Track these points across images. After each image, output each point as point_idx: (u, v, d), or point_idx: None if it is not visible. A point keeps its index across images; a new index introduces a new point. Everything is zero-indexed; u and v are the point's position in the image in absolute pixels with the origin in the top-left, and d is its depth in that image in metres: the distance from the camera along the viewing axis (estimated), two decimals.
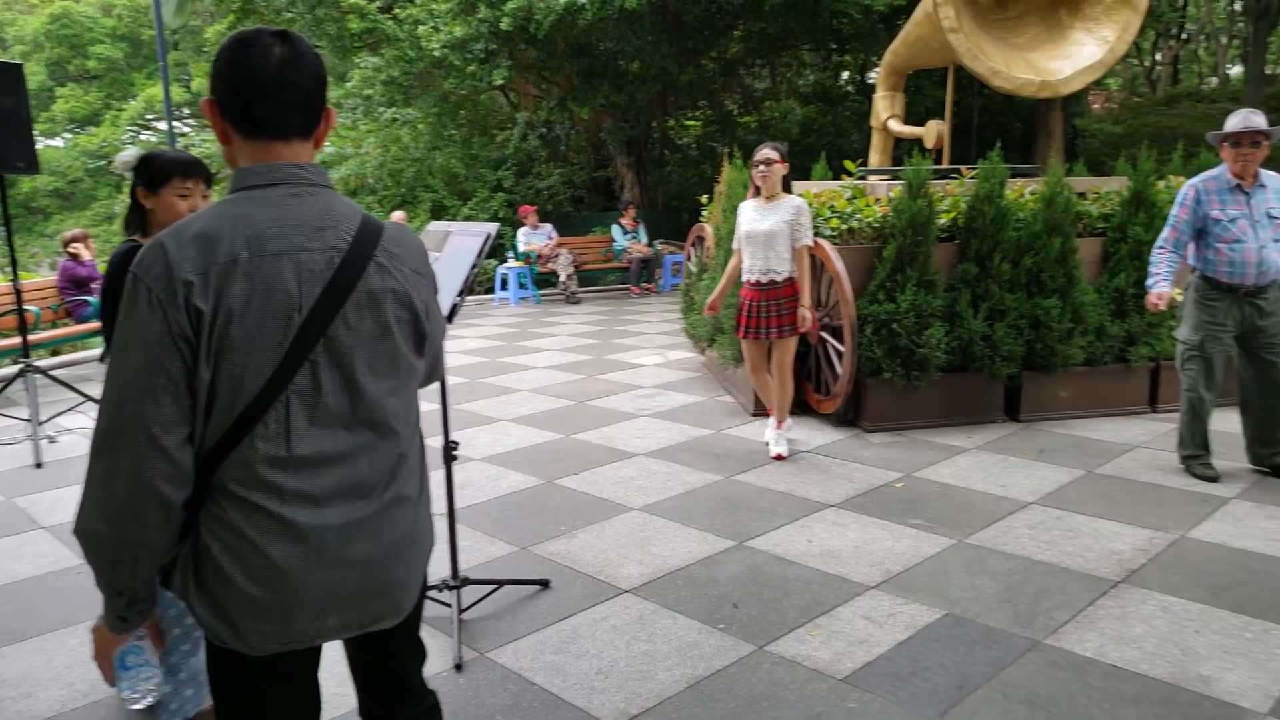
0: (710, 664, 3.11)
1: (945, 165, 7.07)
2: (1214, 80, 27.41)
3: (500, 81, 13.64)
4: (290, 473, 1.57)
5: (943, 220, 5.86)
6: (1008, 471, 4.95)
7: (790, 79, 19.38)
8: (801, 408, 6.24)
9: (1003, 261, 5.67)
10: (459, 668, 3.14)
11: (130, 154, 4.07)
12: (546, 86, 15.49)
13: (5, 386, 6.74)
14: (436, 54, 13.02)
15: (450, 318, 3.32)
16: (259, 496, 1.56)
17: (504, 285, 13.33)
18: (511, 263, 13.34)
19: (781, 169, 5.12)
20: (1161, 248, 4.75)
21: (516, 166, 15.77)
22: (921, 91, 14.19)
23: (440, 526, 4.31)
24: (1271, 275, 4.57)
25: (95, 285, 8.87)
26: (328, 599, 1.62)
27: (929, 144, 7.34)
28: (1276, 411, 4.71)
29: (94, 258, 9.09)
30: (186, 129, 30.72)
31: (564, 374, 7.94)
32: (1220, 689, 2.83)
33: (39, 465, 5.67)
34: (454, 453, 3.63)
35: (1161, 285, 4.66)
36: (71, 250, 8.99)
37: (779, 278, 5.12)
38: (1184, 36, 26.89)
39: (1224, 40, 26.47)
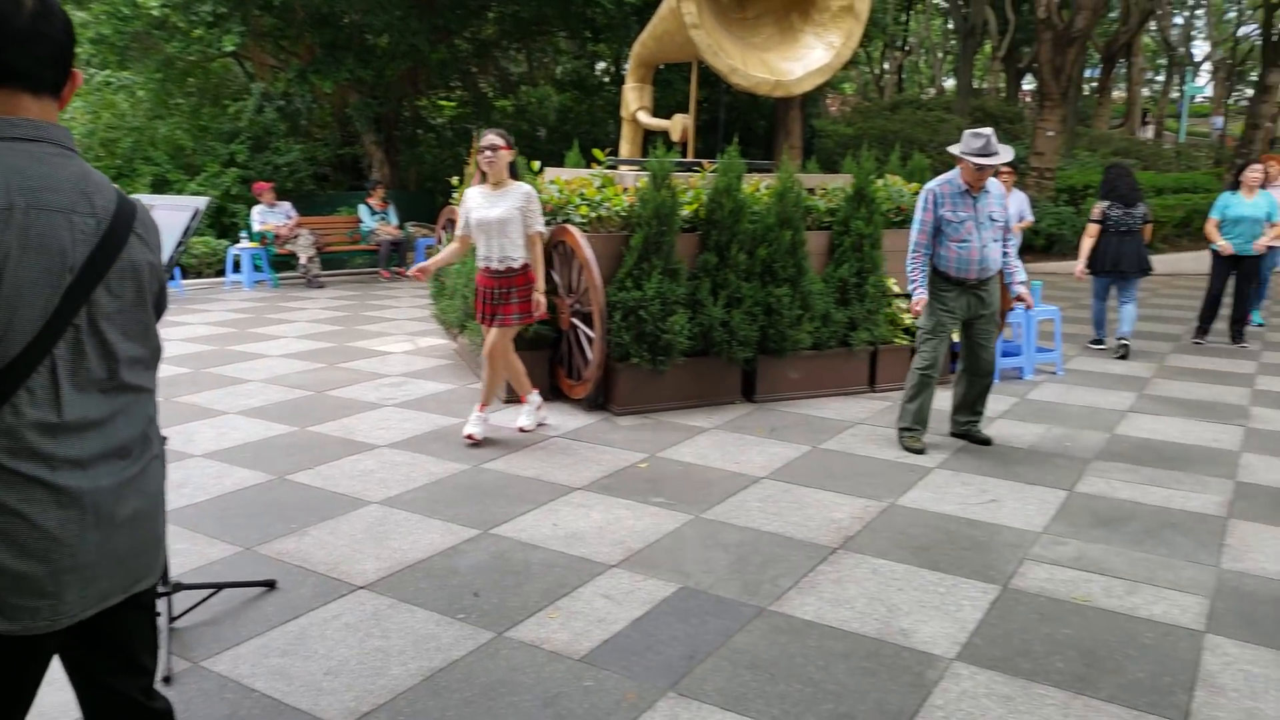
0: (447, 654, 3.02)
1: (690, 158, 7.31)
2: (932, 90, 30.42)
3: (231, 48, 12.64)
4: (59, 439, 1.56)
5: (685, 211, 6.05)
6: (743, 449, 5.21)
7: (547, 65, 19.41)
8: (554, 393, 6.25)
9: (739, 252, 5.95)
10: (168, 680, 2.87)
11: None
12: (285, 57, 14.55)
13: None
14: (155, 13, 11.85)
15: None
16: (29, 466, 1.53)
17: (236, 268, 12.39)
18: (245, 243, 12.42)
19: (507, 155, 5.11)
20: (915, 252, 5.13)
21: (252, 140, 14.67)
22: (673, 86, 14.66)
23: None
24: (991, 270, 5.14)
25: None
26: (101, 561, 1.64)
27: (675, 137, 7.56)
28: (980, 388, 5.33)
29: None
30: None
31: (302, 362, 7.49)
32: (917, 640, 3.12)
33: None
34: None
35: (921, 291, 5.09)
36: None
37: (515, 265, 5.12)
38: (907, 49, 29.59)
39: (940, 55, 29.41)
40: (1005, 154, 4.99)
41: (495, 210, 5.07)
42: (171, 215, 3.18)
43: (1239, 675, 2.92)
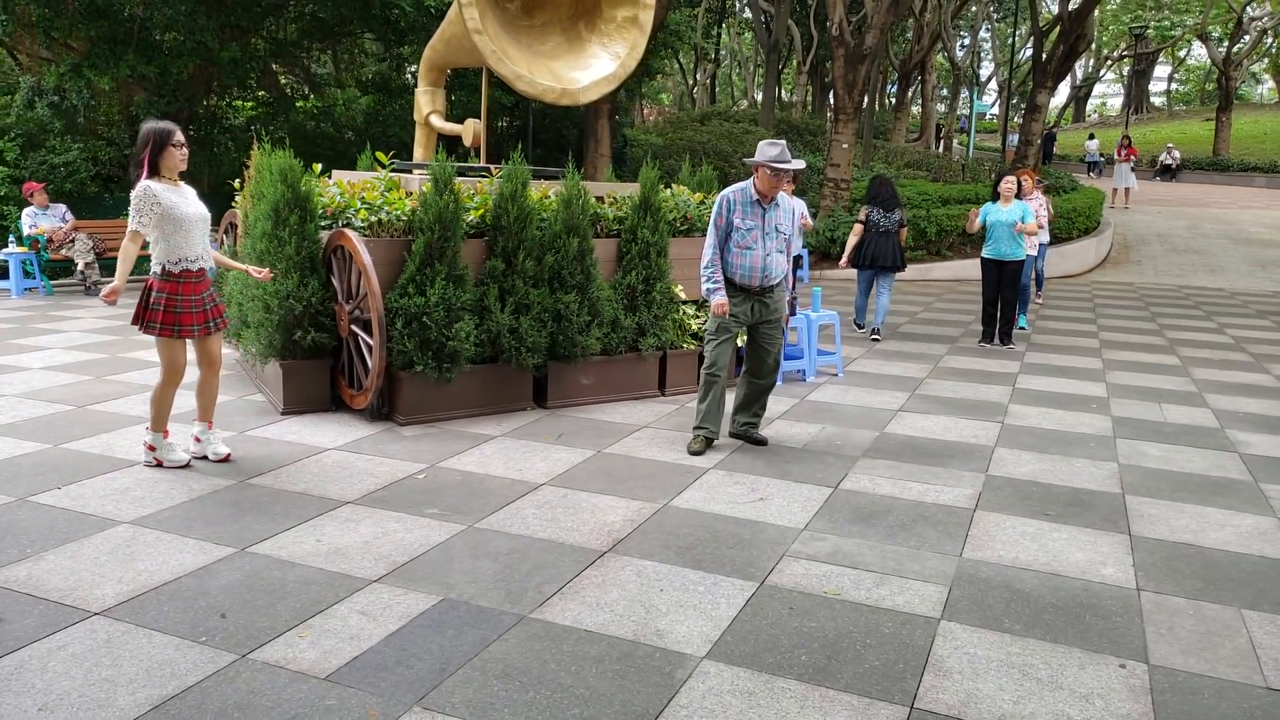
0: (182, 680, 2.86)
1: (482, 163, 7.27)
2: (744, 102, 31.52)
3: None
4: None
5: (471, 217, 6.01)
6: (527, 456, 5.21)
7: (354, 67, 18.82)
8: (337, 404, 6.06)
9: (527, 259, 5.96)
10: None
11: None
12: (57, 49, 13.44)
13: None
14: None
15: None
16: None
17: (4, 274, 11.34)
18: (13, 248, 11.39)
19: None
20: (712, 260, 5.26)
21: (24, 138, 13.48)
22: (477, 90, 14.51)
23: None
24: (775, 278, 5.35)
25: None
26: None
27: (467, 142, 7.49)
28: (761, 390, 5.55)
29: None
30: None
31: (67, 375, 6.93)
32: (671, 640, 3.20)
33: None
34: None
35: (720, 294, 5.22)
36: None
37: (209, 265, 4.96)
38: (718, 62, 30.57)
39: (751, 68, 30.53)
40: (798, 164, 5.25)
41: (194, 207, 4.89)
42: None
43: (964, 658, 3.14)
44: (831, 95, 18.61)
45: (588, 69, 6.71)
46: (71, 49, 13.19)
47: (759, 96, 31.89)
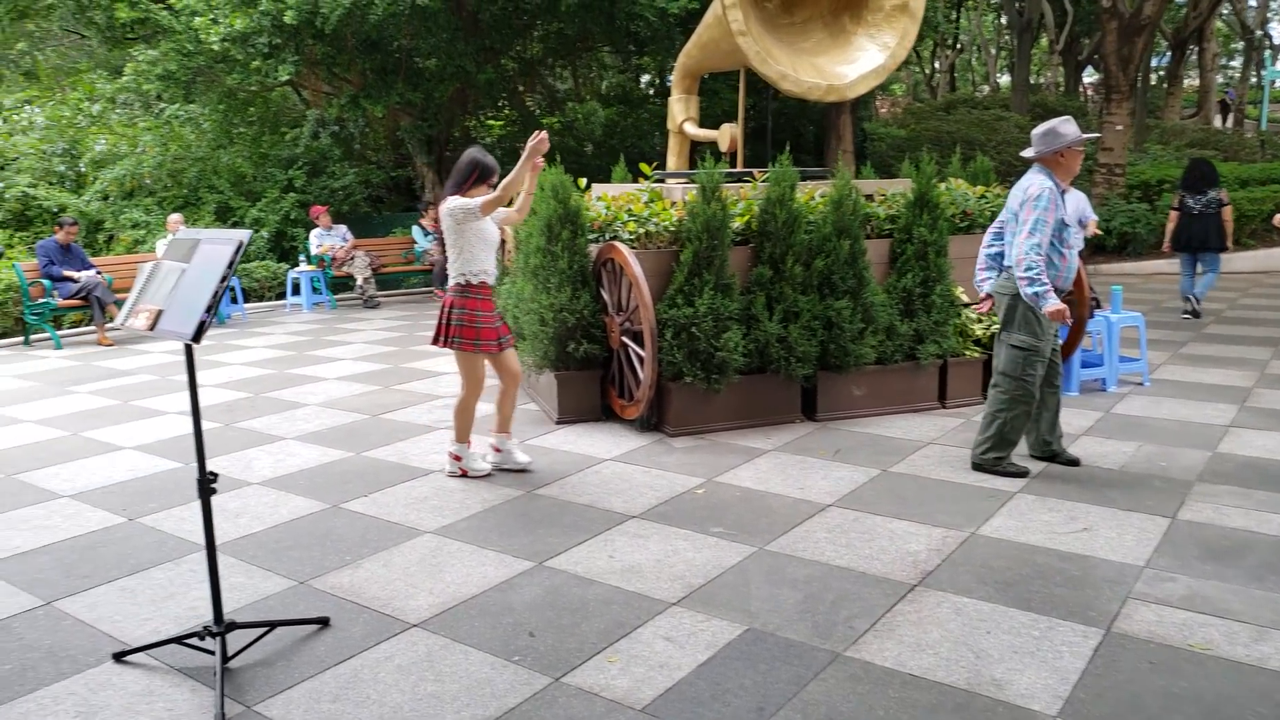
0: (502, 702, 2.88)
1: (739, 168, 7.13)
2: (985, 88, 29.71)
3: (286, 77, 12.81)
4: None
5: (737, 224, 5.87)
6: (806, 473, 4.99)
7: (592, 80, 19.38)
8: (607, 414, 6.11)
9: (795, 264, 5.74)
10: None
11: None
12: (338, 83, 14.72)
13: None
14: (216, 48, 12.05)
15: (198, 336, 2.92)
16: None
17: (296, 290, 12.52)
18: (304, 266, 12.55)
19: None
20: (1039, 255, 4.54)
21: (309, 166, 14.88)
22: (719, 95, 14.48)
23: (204, 567, 3.88)
24: (1072, 279, 4.82)
25: None
26: None
27: (723, 147, 7.39)
28: (1059, 401, 5.01)
29: None
30: None
31: (358, 385, 7.46)
32: (1013, 692, 2.86)
33: None
34: (213, 486, 3.18)
35: (1055, 298, 4.56)
36: None
37: None
38: (959, 47, 29.00)
39: (993, 51, 28.74)
40: (1094, 134, 4.71)
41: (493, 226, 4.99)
42: (217, 249, 3.12)
43: None
44: (1093, 73, 17.04)
45: (854, 63, 6.40)
46: (348, 82, 14.40)
47: (1001, 81, 29.96)
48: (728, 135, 7.18)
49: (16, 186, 15.18)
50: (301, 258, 12.88)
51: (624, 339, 5.79)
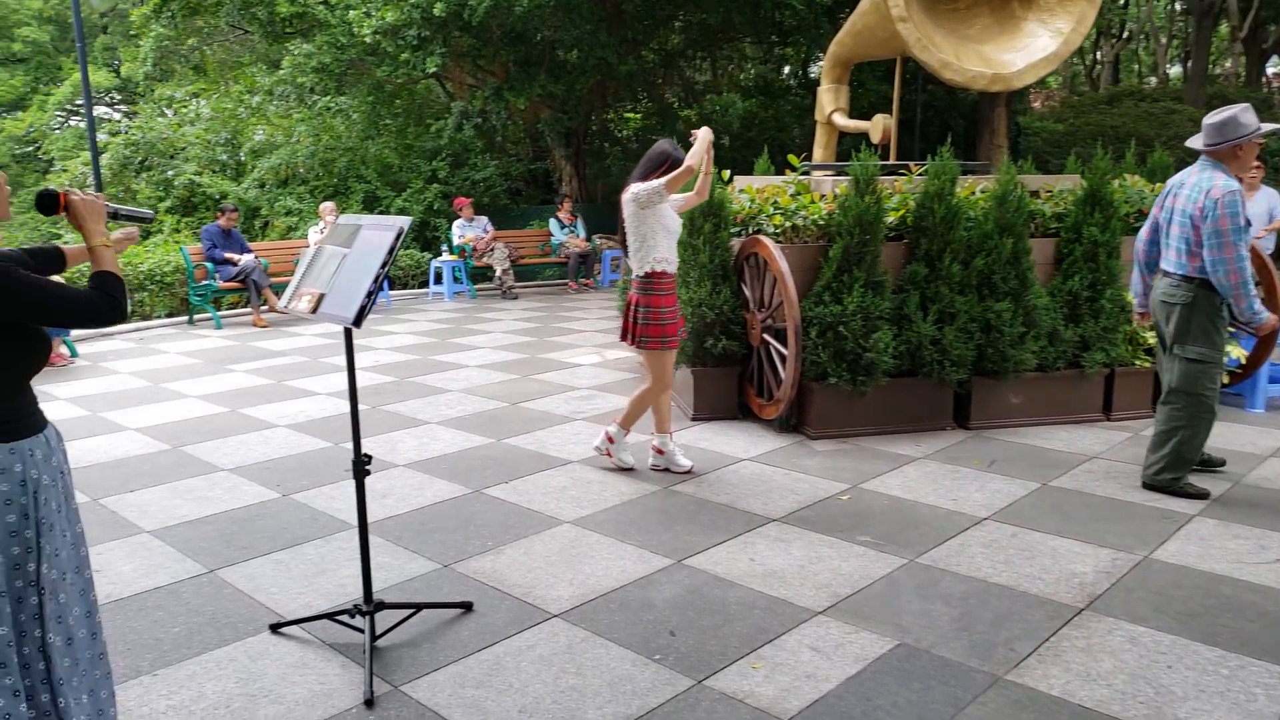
0: (644, 701, 2.81)
1: (893, 161, 6.87)
2: (1153, 79, 27.91)
3: (433, 69, 13.18)
4: None
5: (891, 219, 5.64)
6: (959, 483, 4.74)
7: (732, 72, 19.19)
8: (744, 412, 5.98)
9: (953, 262, 5.47)
10: (369, 704, 2.81)
11: None
12: (482, 75, 15.05)
13: None
14: (368, 40, 12.52)
15: (358, 320, 2.97)
16: None
17: (438, 280, 12.88)
18: (445, 256, 12.89)
19: None
20: (1247, 265, 4.18)
21: (452, 157, 15.28)
22: (865, 85, 14.09)
23: (353, 545, 3.98)
24: None
25: None
26: None
27: (875, 139, 7.14)
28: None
29: None
30: (116, 115, 29.54)
31: (497, 373, 7.58)
32: None
33: None
34: (367, 468, 3.24)
35: (1264, 311, 4.23)
36: None
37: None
38: (1125, 35, 27.36)
39: (1164, 40, 26.97)
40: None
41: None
42: (378, 235, 3.16)
43: None
44: (1278, 63, 15.72)
45: (1022, 50, 6.06)
46: (492, 74, 14.71)
47: (1171, 71, 28.08)
48: (880, 126, 6.93)
49: (184, 174, 16.19)
50: (444, 247, 13.23)
51: (765, 336, 5.65)
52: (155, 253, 11.94)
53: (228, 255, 10.66)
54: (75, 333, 9.41)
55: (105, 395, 7.03)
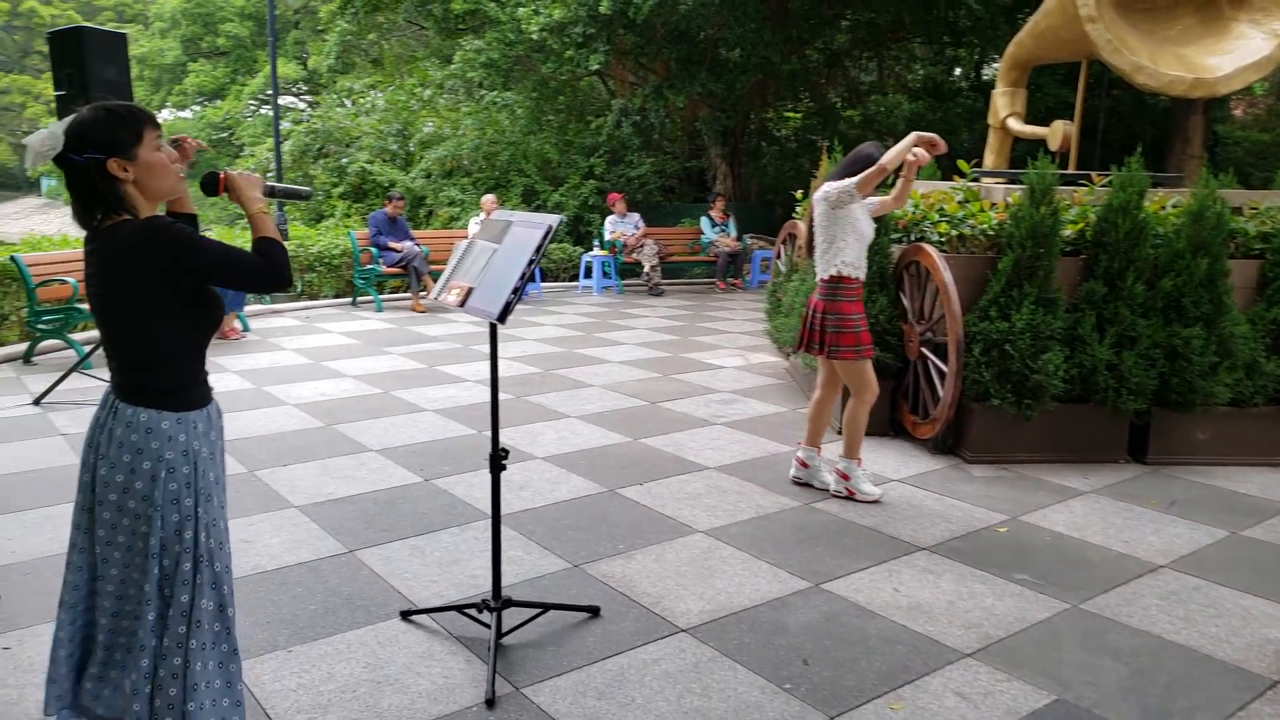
0: None
1: (1073, 170, 6.39)
2: None
3: (596, 66, 13.31)
4: None
5: (1068, 232, 5.23)
6: (1133, 524, 4.32)
7: (899, 73, 18.55)
8: (895, 430, 5.69)
9: (1136, 282, 5.02)
10: (490, 704, 2.77)
11: (47, 133, 1.96)
12: (643, 73, 15.11)
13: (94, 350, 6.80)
14: (535, 37, 12.76)
15: (503, 316, 2.93)
16: None
17: (588, 274, 13.00)
18: (596, 251, 13.00)
19: None
20: None
21: (609, 154, 15.42)
22: (1043, 89, 13.30)
23: (487, 536, 3.98)
24: None
25: None
26: None
27: (1053, 146, 6.68)
28: None
29: None
30: (300, 104, 31.50)
31: (638, 370, 7.53)
32: None
33: None
34: (504, 462, 3.20)
35: None
36: None
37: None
38: None
39: None
40: None
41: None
42: (527, 232, 3.12)
43: None
44: None
45: (1231, 53, 5.50)
46: (653, 72, 14.73)
47: None
48: (1059, 133, 6.47)
49: (357, 162, 16.98)
50: (595, 242, 13.35)
51: (923, 350, 5.34)
52: (325, 236, 12.57)
53: (391, 243, 11.07)
54: (248, 308, 9.99)
55: (270, 370, 7.40)
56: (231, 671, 2.26)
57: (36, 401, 6.24)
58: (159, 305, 2.11)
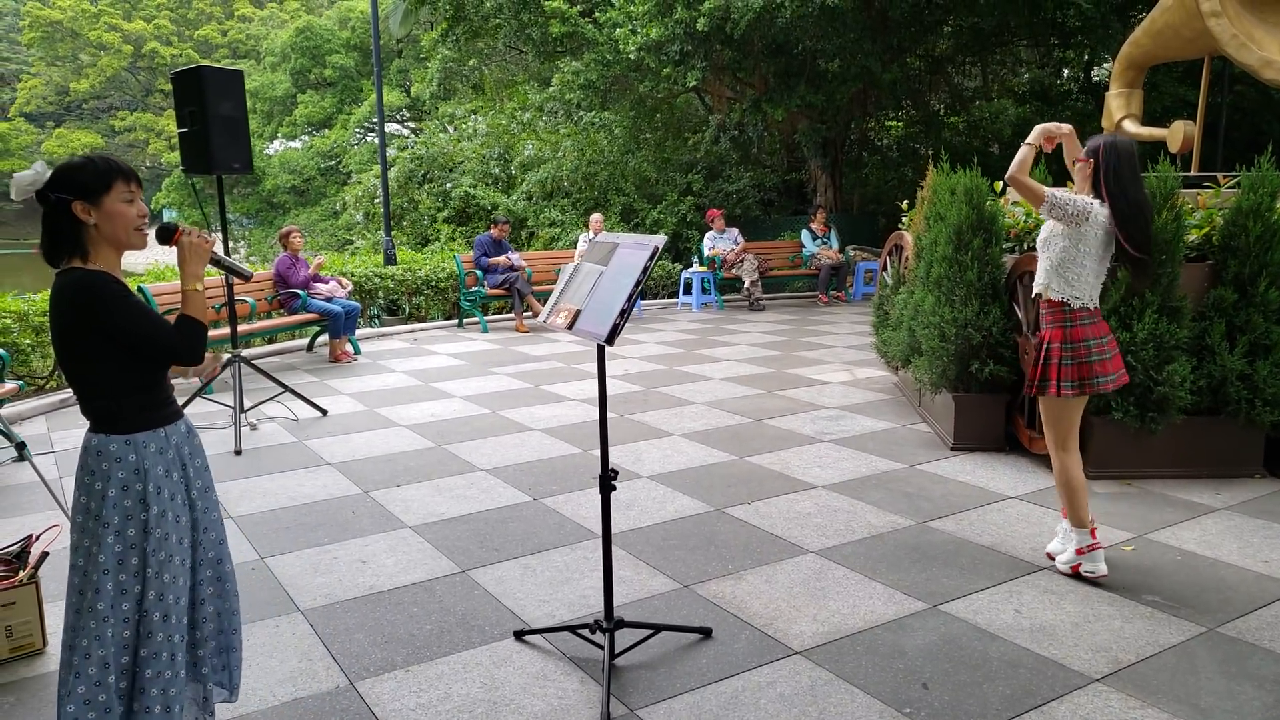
0: None
1: (1195, 172, 6.10)
2: None
3: (694, 83, 13.36)
4: None
5: (1192, 237, 4.99)
6: (1272, 543, 4.08)
7: (1004, 77, 18.04)
8: (1011, 445, 5.52)
9: (1270, 288, 4.75)
10: None
11: (34, 171, 2.33)
12: (741, 88, 15.09)
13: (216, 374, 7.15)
14: (632, 57, 12.90)
15: (611, 338, 2.97)
16: None
17: (687, 290, 13.03)
18: (696, 267, 13.02)
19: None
20: None
21: (707, 170, 15.46)
22: (1159, 88, 12.74)
23: (597, 555, 4.03)
24: None
25: (303, 280, 9.22)
26: None
27: (1174, 148, 6.39)
28: None
29: (298, 251, 9.46)
30: (405, 131, 32.64)
31: (742, 387, 7.50)
32: None
33: (238, 452, 5.82)
34: (613, 483, 3.23)
35: None
36: (291, 246, 9.38)
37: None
38: None
39: None
40: None
41: None
42: (633, 255, 3.16)
43: None
44: None
45: None
46: (751, 86, 14.71)
47: None
48: (1180, 134, 6.19)
49: (460, 187, 17.47)
50: (695, 259, 13.37)
51: None
52: (431, 260, 12.94)
53: (492, 260, 11.22)
54: (359, 331, 10.36)
55: (381, 392, 7.66)
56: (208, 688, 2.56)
57: None
58: (89, 347, 2.28)
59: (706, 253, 12.98)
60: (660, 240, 3.09)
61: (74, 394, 2.41)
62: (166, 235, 2.53)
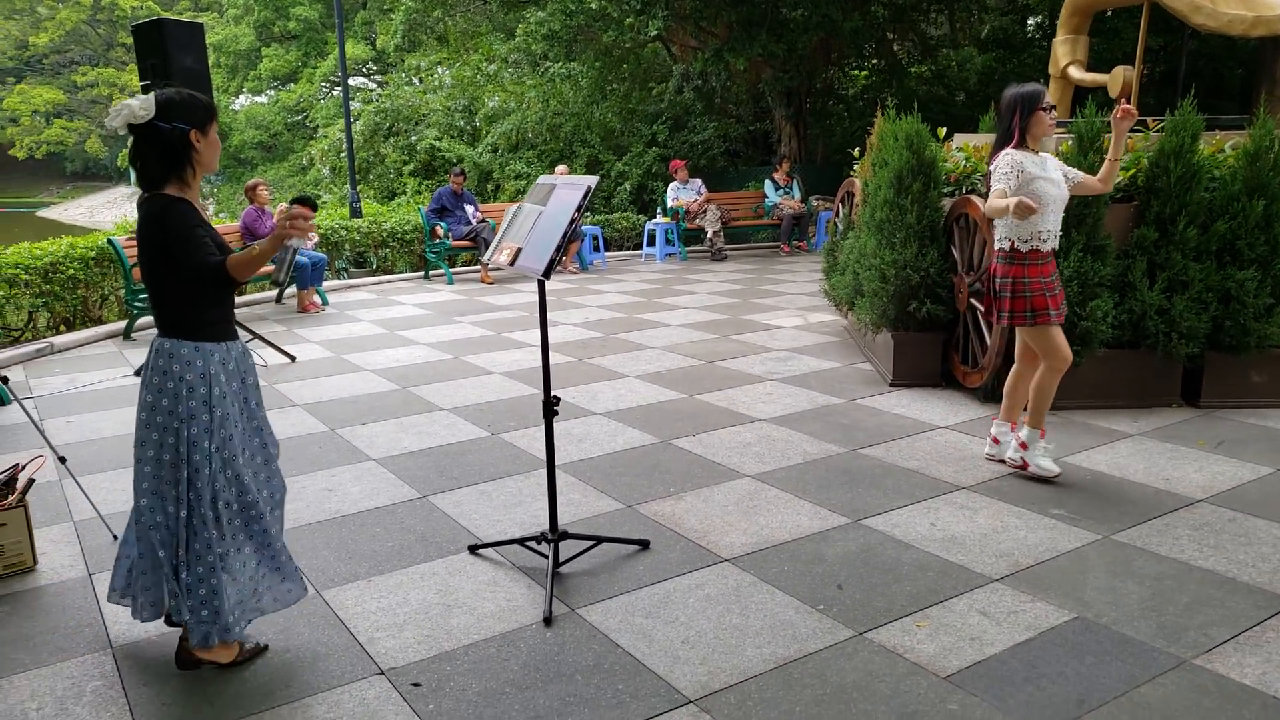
0: (803, 645, 2.88)
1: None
2: None
3: (655, 31, 13.40)
4: None
5: (1119, 179, 5.24)
6: (1176, 463, 4.40)
7: (971, 24, 18.15)
8: (946, 380, 5.80)
9: (1189, 226, 5.02)
10: (548, 621, 3.06)
11: (138, 101, 2.49)
12: (704, 37, 15.12)
13: None
14: (594, 6, 12.91)
15: (548, 272, 3.18)
16: None
17: (651, 241, 13.19)
18: (659, 219, 13.17)
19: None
20: None
21: (672, 120, 15.54)
22: (1120, 34, 12.92)
23: (543, 481, 4.27)
24: None
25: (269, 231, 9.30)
26: None
27: (1114, 92, 6.62)
28: None
29: (265, 204, 9.52)
30: (370, 85, 32.28)
31: (697, 333, 7.74)
32: None
33: None
34: (556, 409, 3.47)
35: None
36: (258, 198, 9.43)
37: None
38: None
39: None
40: None
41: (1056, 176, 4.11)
42: (569, 193, 3.36)
43: None
44: None
45: None
46: (714, 35, 14.75)
47: None
48: (1119, 79, 6.42)
49: (426, 139, 17.45)
50: (658, 210, 13.52)
51: (972, 300, 5.43)
52: (397, 212, 13.01)
53: (446, 215, 11.23)
54: (326, 284, 10.47)
55: (348, 340, 7.83)
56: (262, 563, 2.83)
57: (137, 372, 6.75)
58: (167, 263, 2.60)
59: (670, 203, 13.12)
60: (593, 180, 3.30)
61: (151, 303, 2.69)
62: (312, 205, 2.91)
